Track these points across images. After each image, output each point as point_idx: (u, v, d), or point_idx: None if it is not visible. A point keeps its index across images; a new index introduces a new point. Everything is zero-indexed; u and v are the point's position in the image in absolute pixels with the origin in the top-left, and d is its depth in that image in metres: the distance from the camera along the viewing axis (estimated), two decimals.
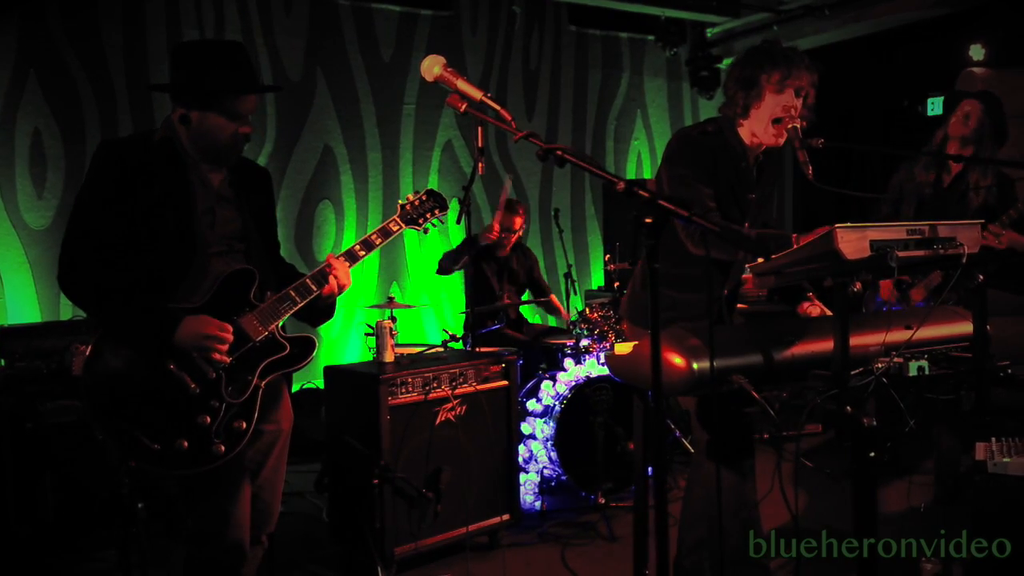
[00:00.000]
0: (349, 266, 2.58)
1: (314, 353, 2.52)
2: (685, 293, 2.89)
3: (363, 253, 2.63)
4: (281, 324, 2.49)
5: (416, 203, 2.79)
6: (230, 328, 2.37)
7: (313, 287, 2.52)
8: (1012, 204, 3.74)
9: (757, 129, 2.85)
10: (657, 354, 1.82)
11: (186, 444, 2.31)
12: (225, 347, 2.35)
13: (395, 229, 2.72)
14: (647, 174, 7.84)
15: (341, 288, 2.56)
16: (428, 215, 2.80)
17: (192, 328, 2.31)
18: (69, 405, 3.96)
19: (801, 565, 2.58)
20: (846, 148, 4.34)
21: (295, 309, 2.50)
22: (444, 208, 2.83)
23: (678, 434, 5.05)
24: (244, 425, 2.38)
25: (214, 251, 2.45)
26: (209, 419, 2.34)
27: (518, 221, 5.46)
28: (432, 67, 2.10)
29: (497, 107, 2.03)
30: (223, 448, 2.34)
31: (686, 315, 2.80)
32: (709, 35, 7.72)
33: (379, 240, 2.67)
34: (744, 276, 3.08)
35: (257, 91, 2.47)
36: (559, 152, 1.93)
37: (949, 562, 2.81)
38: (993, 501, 2.50)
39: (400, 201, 2.79)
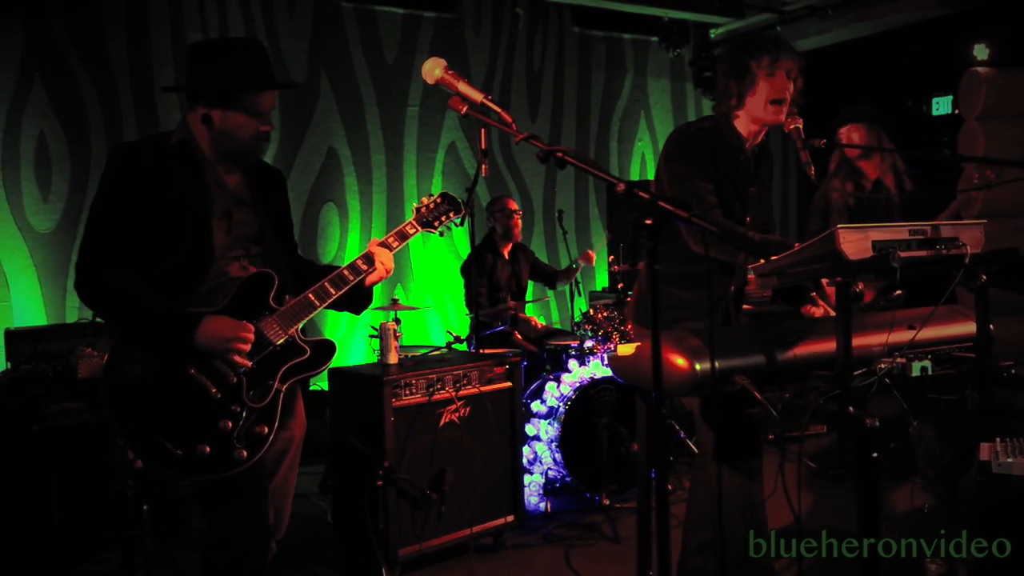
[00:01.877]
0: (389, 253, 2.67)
1: (334, 357, 2.52)
2: (690, 292, 2.88)
3: (397, 244, 2.71)
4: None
5: (431, 206, 2.81)
6: (251, 328, 2.34)
7: (351, 277, 2.57)
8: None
9: (756, 112, 2.86)
10: (658, 355, 1.82)
11: (208, 450, 2.29)
12: (247, 347, 2.33)
13: (411, 232, 2.76)
14: (651, 175, 7.83)
15: (388, 272, 2.64)
16: (443, 218, 2.83)
17: (213, 329, 2.29)
18: (74, 408, 3.96)
19: (805, 566, 2.57)
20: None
21: (314, 313, 2.50)
22: (459, 211, 2.85)
23: (682, 435, 5.05)
24: (266, 430, 2.37)
25: (231, 255, 2.44)
26: (231, 424, 2.32)
27: (509, 199, 5.62)
28: (433, 70, 2.10)
29: (498, 109, 2.03)
30: (245, 454, 2.33)
31: (691, 315, 2.79)
32: (712, 36, 7.71)
33: (396, 243, 2.70)
34: (748, 276, 3.08)
35: (278, 87, 2.46)
36: (559, 154, 1.93)
37: (953, 562, 2.80)
38: (997, 501, 2.49)
39: (415, 204, 2.81)
